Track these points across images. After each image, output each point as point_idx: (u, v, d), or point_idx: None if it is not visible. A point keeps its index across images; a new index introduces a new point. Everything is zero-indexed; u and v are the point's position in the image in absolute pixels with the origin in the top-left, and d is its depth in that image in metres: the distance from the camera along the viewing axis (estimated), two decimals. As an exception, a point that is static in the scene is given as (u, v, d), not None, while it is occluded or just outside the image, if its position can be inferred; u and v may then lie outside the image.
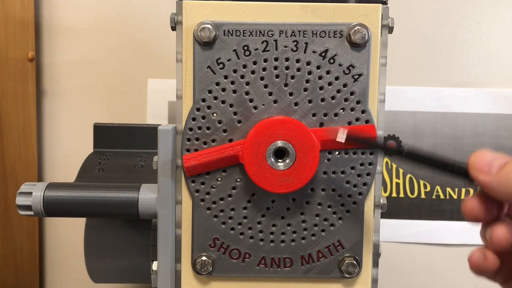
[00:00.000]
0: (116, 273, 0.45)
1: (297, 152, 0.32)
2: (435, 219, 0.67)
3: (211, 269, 0.35)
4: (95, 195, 0.37)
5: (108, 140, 0.52)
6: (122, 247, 0.44)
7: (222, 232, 0.35)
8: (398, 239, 0.67)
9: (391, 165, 0.67)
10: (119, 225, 0.44)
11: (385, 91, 0.34)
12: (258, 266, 0.35)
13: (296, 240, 0.35)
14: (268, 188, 0.32)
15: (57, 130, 0.69)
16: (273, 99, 0.33)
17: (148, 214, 0.37)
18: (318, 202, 0.35)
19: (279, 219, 0.35)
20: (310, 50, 0.33)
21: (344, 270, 0.35)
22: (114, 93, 0.68)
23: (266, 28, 0.33)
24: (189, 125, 0.34)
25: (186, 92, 0.34)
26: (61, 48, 0.68)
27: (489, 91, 0.65)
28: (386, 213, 0.66)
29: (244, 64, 0.33)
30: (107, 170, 0.47)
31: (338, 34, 0.33)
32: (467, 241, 0.67)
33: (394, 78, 0.65)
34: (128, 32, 0.67)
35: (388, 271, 0.68)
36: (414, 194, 0.67)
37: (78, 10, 0.67)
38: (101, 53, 0.68)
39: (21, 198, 0.37)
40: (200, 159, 0.33)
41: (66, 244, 0.71)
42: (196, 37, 0.33)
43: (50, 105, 0.69)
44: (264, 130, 0.32)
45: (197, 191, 0.35)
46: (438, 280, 0.68)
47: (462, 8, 0.65)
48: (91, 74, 0.68)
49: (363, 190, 0.34)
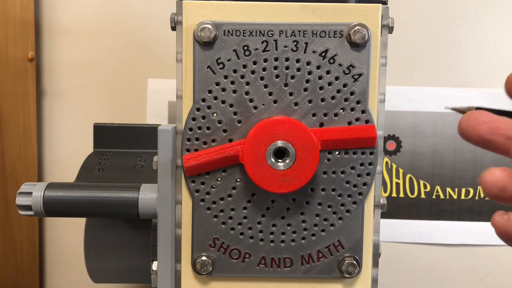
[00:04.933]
0: (116, 273, 0.45)
1: (297, 152, 0.32)
2: (435, 219, 0.67)
3: (211, 269, 0.35)
4: (95, 195, 0.37)
5: (108, 140, 0.52)
6: (122, 247, 0.44)
7: (222, 232, 0.35)
8: (398, 239, 0.67)
9: (391, 165, 0.67)
10: (119, 225, 0.44)
11: (385, 91, 0.34)
12: (258, 266, 0.35)
13: (296, 240, 0.35)
14: (268, 188, 0.32)
15: (57, 130, 0.69)
16: (273, 99, 0.33)
17: (148, 214, 0.37)
18: (318, 202, 0.35)
19: (279, 219, 0.35)
20: (310, 50, 0.33)
21: (344, 270, 0.35)
22: (114, 93, 0.68)
23: (266, 28, 0.33)
24: (189, 125, 0.34)
25: (186, 92, 0.34)
26: (61, 48, 0.68)
27: (489, 91, 0.65)
28: (386, 213, 0.66)
29: (244, 64, 0.33)
30: (107, 170, 0.47)
31: (338, 34, 0.33)
32: (467, 241, 0.67)
33: (394, 78, 0.65)
34: (128, 32, 0.67)
35: (388, 271, 0.68)
36: (414, 194, 0.67)
37: (78, 10, 0.67)
38: (101, 53, 0.68)
39: (21, 198, 0.37)
40: (200, 159, 0.33)
41: (66, 244, 0.71)
42: (196, 37, 0.33)
43: (50, 105, 0.69)
44: (264, 130, 0.32)
45: (197, 191, 0.35)
46: (438, 280, 0.68)
47: (462, 8, 0.65)
48: (91, 74, 0.68)
49: (363, 190, 0.34)
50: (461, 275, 0.68)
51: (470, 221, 0.66)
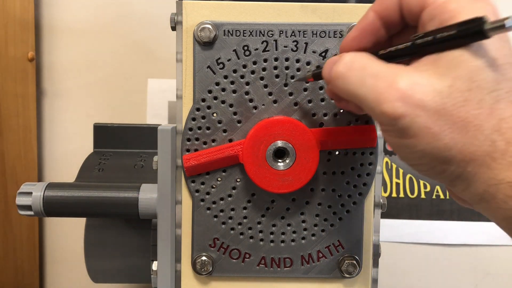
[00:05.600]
0: (116, 273, 0.45)
1: (297, 152, 0.32)
2: (435, 219, 0.67)
3: (211, 269, 0.35)
4: (95, 195, 0.37)
5: (108, 140, 0.52)
6: (122, 247, 0.44)
7: (222, 232, 0.35)
8: (398, 239, 0.67)
9: (391, 165, 0.67)
10: (119, 225, 0.44)
11: (385, 91, 0.34)
12: (258, 266, 0.35)
13: (296, 240, 0.35)
14: (268, 188, 0.32)
15: (57, 130, 0.69)
16: (273, 99, 0.33)
17: (148, 214, 0.37)
18: (318, 202, 0.35)
19: (279, 219, 0.35)
20: (310, 50, 0.33)
21: (344, 270, 0.35)
22: (114, 93, 0.68)
23: (266, 28, 0.33)
24: (189, 125, 0.34)
25: (186, 92, 0.34)
26: (61, 48, 0.68)
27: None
28: (386, 213, 0.66)
29: (244, 64, 0.33)
30: (107, 170, 0.47)
31: (338, 34, 0.33)
32: (467, 241, 0.67)
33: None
34: (128, 32, 0.67)
35: (388, 271, 0.68)
36: (414, 194, 0.67)
37: (78, 10, 0.67)
38: (101, 53, 0.68)
39: (21, 198, 0.37)
40: (200, 159, 0.33)
41: (66, 244, 0.71)
42: (196, 37, 0.33)
43: (50, 105, 0.69)
44: (264, 130, 0.32)
45: (197, 191, 0.35)
46: (438, 280, 0.68)
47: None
48: (91, 74, 0.68)
49: (363, 190, 0.34)
50: (461, 275, 0.68)
51: (470, 221, 0.66)
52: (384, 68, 0.24)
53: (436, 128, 0.22)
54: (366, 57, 0.25)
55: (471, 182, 0.24)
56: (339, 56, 0.26)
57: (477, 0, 0.24)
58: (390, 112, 0.23)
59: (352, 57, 0.25)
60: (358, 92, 0.24)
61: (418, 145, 0.23)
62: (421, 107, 0.22)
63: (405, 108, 0.22)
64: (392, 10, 0.26)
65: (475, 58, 0.22)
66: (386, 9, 0.26)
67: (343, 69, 0.25)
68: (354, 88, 0.25)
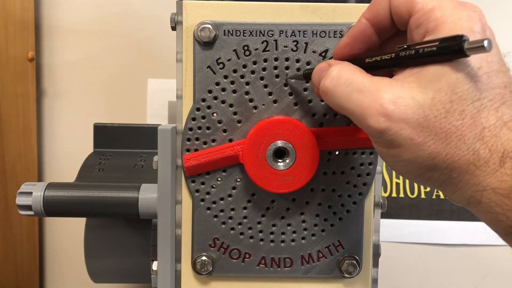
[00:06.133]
0: (116, 273, 0.45)
1: (297, 152, 0.32)
2: (435, 219, 0.67)
3: (211, 269, 0.35)
4: (95, 195, 0.37)
5: (108, 140, 0.52)
6: (122, 247, 0.44)
7: (222, 232, 0.35)
8: (398, 239, 0.67)
9: (391, 165, 0.67)
10: (119, 225, 0.44)
11: (385, 91, 0.34)
12: (258, 266, 0.35)
13: (296, 240, 0.35)
14: (268, 188, 0.32)
15: (57, 130, 0.69)
16: (273, 99, 0.33)
17: (148, 214, 0.37)
18: (318, 202, 0.35)
19: (279, 219, 0.35)
20: (310, 50, 0.33)
21: (344, 270, 0.35)
22: (114, 93, 0.68)
23: (266, 28, 0.33)
24: (189, 125, 0.34)
25: (186, 92, 0.34)
26: (61, 48, 0.68)
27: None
28: (386, 213, 0.66)
29: (244, 64, 0.33)
30: (107, 170, 0.47)
31: (338, 34, 0.33)
32: (467, 241, 0.67)
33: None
34: (128, 32, 0.67)
35: (388, 271, 0.68)
36: (414, 194, 0.67)
37: (78, 10, 0.67)
38: (101, 53, 0.68)
39: (21, 198, 0.37)
40: (200, 159, 0.33)
41: (66, 244, 0.71)
42: (196, 37, 0.33)
43: (50, 105, 0.69)
44: (264, 130, 0.32)
45: (197, 191, 0.35)
46: (438, 280, 0.68)
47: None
48: (91, 74, 0.68)
49: (363, 190, 0.34)
50: (461, 275, 0.68)
51: (470, 221, 0.66)
52: (368, 83, 0.25)
53: (419, 139, 0.23)
54: (352, 71, 0.26)
55: (457, 188, 0.24)
56: (328, 64, 0.27)
57: (463, 7, 0.24)
58: (376, 127, 0.24)
59: (338, 71, 0.26)
60: (345, 106, 0.25)
61: (403, 155, 0.24)
62: (404, 120, 0.23)
63: (389, 123, 0.23)
64: (383, 16, 0.27)
65: (456, 70, 0.23)
66: (378, 15, 0.27)
67: (330, 85, 0.26)
68: (342, 103, 0.26)
